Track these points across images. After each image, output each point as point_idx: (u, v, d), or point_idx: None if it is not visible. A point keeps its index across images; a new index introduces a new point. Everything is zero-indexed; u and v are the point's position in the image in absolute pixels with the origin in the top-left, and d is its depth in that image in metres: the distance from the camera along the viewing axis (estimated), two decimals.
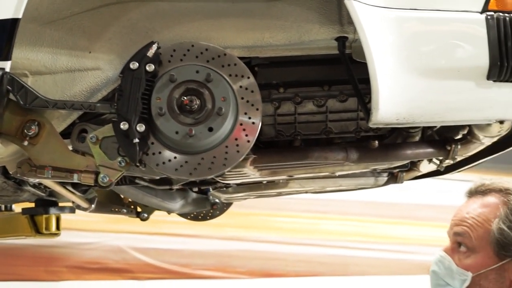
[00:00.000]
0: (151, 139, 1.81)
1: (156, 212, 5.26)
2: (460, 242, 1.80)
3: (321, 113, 2.19)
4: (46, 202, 3.01)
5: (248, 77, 1.85)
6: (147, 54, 1.80)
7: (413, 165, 2.82)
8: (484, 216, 1.80)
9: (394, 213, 5.87)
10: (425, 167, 2.85)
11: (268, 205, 5.76)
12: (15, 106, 1.89)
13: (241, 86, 1.83)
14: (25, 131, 1.90)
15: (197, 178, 1.84)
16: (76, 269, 5.45)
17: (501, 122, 2.01)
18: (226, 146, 1.82)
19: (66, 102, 1.90)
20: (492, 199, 1.82)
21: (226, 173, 2.19)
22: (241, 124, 1.82)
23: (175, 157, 1.81)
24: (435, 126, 2.43)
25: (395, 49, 1.83)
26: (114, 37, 1.94)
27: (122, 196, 3.28)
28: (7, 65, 1.78)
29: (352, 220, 5.94)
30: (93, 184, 1.90)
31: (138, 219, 5.42)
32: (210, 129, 1.78)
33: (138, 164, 1.81)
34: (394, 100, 1.82)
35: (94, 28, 1.94)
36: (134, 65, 1.79)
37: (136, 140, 1.76)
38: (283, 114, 2.18)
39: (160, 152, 1.81)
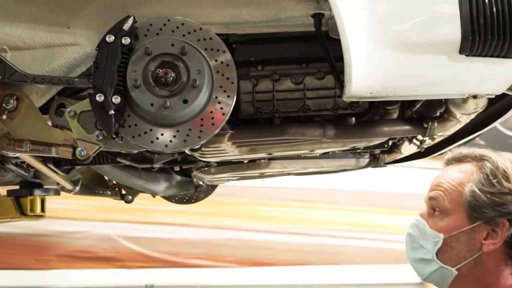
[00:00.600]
0: (127, 111, 1.83)
1: (145, 201, 5.31)
2: (435, 206, 1.84)
3: (299, 91, 2.22)
4: (31, 184, 3.03)
5: (224, 52, 1.87)
6: (123, 28, 1.82)
7: (394, 147, 2.85)
8: (458, 181, 1.84)
9: (382, 202, 5.90)
10: (407, 148, 2.88)
11: (257, 194, 5.80)
12: None
13: (216, 60, 1.86)
14: (4, 105, 1.93)
15: (173, 151, 1.86)
16: (66, 258, 5.47)
17: (474, 96, 2.03)
18: (201, 119, 1.84)
19: (45, 76, 1.93)
20: (468, 165, 1.85)
21: (205, 150, 2.22)
22: (216, 97, 1.84)
23: (150, 130, 1.83)
24: (414, 106, 2.46)
25: (368, 23, 1.85)
26: (92, 13, 1.96)
27: (106, 179, 3.30)
28: None
29: (340, 209, 5.97)
30: (71, 158, 1.92)
31: (127, 208, 5.47)
32: (185, 101, 1.81)
33: (114, 136, 1.83)
34: (366, 74, 1.84)
35: (72, 4, 1.96)
36: (110, 38, 1.82)
37: (112, 112, 1.79)
38: (261, 91, 2.21)
39: (136, 125, 1.83)
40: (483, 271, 1.78)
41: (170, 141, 1.83)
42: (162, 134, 1.83)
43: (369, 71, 1.84)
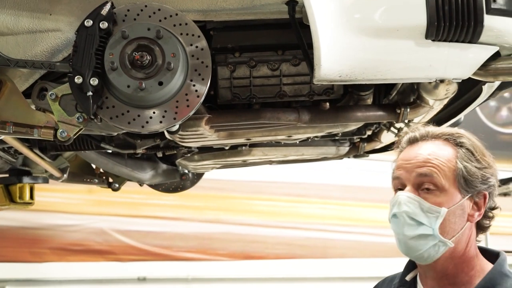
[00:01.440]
0: (106, 93, 1.90)
1: (138, 195, 5.40)
2: (427, 182, 1.84)
3: (275, 77, 2.29)
4: (20, 172, 3.10)
5: (199, 36, 1.93)
6: (101, 13, 1.89)
7: (373, 135, 2.92)
8: (445, 157, 1.84)
9: (373, 197, 5.96)
10: (386, 137, 2.95)
11: (249, 188, 5.88)
12: None
13: (191, 44, 1.92)
14: None
15: (149, 131, 1.92)
16: (59, 251, 5.54)
17: (441, 81, 2.10)
18: (177, 101, 1.90)
19: (27, 61, 1.99)
20: (444, 142, 1.87)
21: (184, 134, 2.29)
22: (191, 80, 1.91)
23: (128, 111, 1.89)
24: (391, 94, 2.53)
25: (337, 10, 1.92)
26: (74, 0, 2.02)
27: (94, 167, 3.37)
28: None
29: (331, 203, 6.05)
30: (52, 139, 1.98)
31: (120, 202, 5.56)
32: (160, 83, 1.87)
33: (93, 117, 1.90)
34: (335, 58, 1.91)
35: None
36: (88, 22, 1.88)
37: (90, 93, 1.85)
38: (239, 77, 2.28)
39: (113, 106, 1.90)
40: (461, 241, 1.84)
41: (147, 122, 1.90)
42: (139, 115, 1.90)
43: (337, 56, 1.91)
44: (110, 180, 3.42)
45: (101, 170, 3.37)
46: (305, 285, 5.88)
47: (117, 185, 3.41)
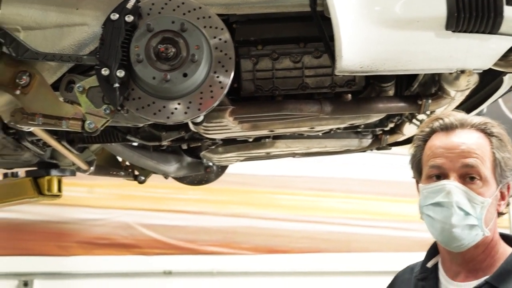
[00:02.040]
0: (132, 85, 1.95)
1: (163, 190, 5.45)
2: (473, 173, 1.84)
3: (297, 69, 2.33)
4: (48, 164, 3.16)
5: (222, 29, 1.98)
6: (127, 6, 1.95)
7: (396, 128, 2.94)
8: (485, 147, 1.86)
9: (396, 191, 5.96)
10: (408, 130, 2.97)
11: (272, 183, 5.90)
12: (8, 58, 2.06)
13: (214, 37, 1.97)
14: (17, 81, 2.07)
15: (174, 122, 1.97)
16: (85, 245, 5.61)
17: (462, 71, 2.12)
18: (201, 92, 1.95)
19: (55, 54, 2.06)
20: (479, 131, 1.88)
21: (209, 126, 2.33)
22: (215, 72, 1.95)
23: (153, 102, 1.95)
24: (412, 86, 2.55)
25: (357, 3, 1.95)
26: None
27: (120, 160, 3.43)
28: None
29: (354, 198, 6.05)
30: (80, 130, 2.04)
31: (145, 196, 5.62)
32: (185, 75, 1.92)
33: (119, 109, 1.95)
34: (356, 49, 1.94)
35: None
36: (114, 16, 1.94)
37: (116, 85, 1.91)
38: (261, 70, 2.32)
39: (139, 98, 1.95)
40: (491, 229, 1.87)
41: (172, 113, 1.95)
42: (164, 107, 1.95)
43: (358, 47, 1.95)
44: (136, 173, 3.47)
45: (127, 163, 3.43)
46: (329, 279, 5.90)
47: (143, 178, 3.46)
